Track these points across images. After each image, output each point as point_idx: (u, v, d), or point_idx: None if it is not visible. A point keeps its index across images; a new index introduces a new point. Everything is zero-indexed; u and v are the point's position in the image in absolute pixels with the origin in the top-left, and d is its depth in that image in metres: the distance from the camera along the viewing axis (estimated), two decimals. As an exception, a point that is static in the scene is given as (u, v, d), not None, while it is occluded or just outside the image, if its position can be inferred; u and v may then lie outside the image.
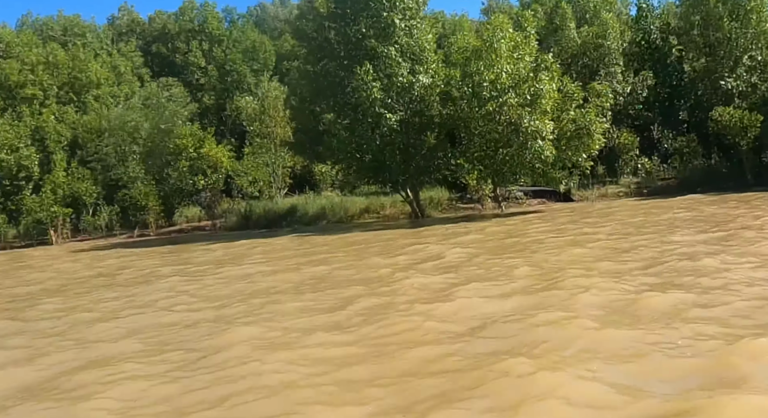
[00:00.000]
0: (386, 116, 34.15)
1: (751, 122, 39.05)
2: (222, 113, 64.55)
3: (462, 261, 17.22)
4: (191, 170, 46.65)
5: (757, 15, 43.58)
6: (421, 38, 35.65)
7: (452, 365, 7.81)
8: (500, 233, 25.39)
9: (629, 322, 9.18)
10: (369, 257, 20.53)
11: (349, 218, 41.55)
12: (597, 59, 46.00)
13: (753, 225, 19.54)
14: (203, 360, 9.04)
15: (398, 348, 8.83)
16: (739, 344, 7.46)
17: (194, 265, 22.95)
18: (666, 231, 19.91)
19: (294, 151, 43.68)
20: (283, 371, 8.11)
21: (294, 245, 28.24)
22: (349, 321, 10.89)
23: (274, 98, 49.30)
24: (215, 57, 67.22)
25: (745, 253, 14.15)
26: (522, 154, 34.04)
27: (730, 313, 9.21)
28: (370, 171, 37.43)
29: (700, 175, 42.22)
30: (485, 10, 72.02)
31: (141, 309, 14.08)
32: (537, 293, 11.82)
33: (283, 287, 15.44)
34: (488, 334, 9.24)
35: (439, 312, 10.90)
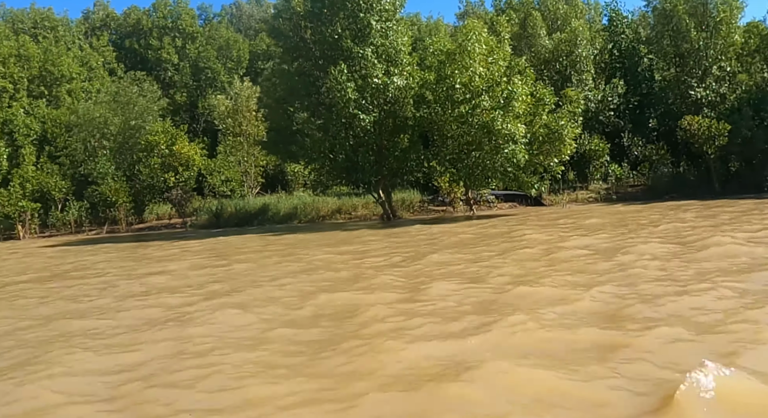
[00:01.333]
0: (360, 117, 34.18)
1: (719, 131, 39.70)
2: (194, 111, 64.28)
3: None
4: (163, 167, 46.30)
5: (727, 26, 44.36)
6: (397, 40, 35.74)
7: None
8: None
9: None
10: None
11: (320, 218, 41.58)
12: (569, 66, 46.53)
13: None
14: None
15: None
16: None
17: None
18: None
19: (267, 150, 43.55)
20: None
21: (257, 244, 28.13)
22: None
23: (247, 97, 49.18)
24: (188, 54, 66.91)
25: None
26: (494, 157, 34.27)
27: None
28: (343, 171, 37.45)
29: (668, 182, 42.92)
30: (461, 15, 72.58)
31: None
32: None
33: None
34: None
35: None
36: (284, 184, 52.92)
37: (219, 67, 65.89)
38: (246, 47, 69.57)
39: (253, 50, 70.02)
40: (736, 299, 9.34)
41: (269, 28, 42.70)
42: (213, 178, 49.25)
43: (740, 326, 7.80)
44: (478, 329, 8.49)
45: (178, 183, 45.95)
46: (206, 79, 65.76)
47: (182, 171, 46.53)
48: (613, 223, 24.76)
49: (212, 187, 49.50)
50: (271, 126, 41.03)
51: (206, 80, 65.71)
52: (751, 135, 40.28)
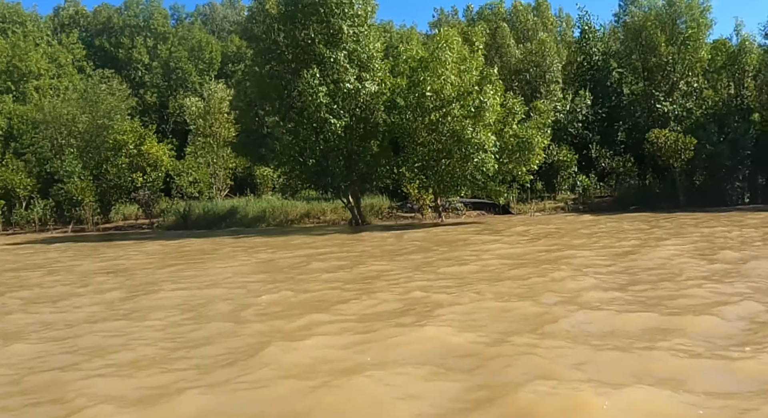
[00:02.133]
0: (331, 121, 34.17)
1: (685, 145, 40.34)
2: (164, 112, 63.76)
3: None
4: (130, 167, 45.84)
5: (694, 43, 45.13)
6: (369, 46, 35.78)
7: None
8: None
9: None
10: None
11: (289, 221, 41.44)
12: (537, 77, 46.99)
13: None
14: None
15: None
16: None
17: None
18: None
19: (237, 152, 43.35)
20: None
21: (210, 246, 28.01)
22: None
23: (219, 99, 48.90)
24: (159, 54, 66.37)
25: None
26: (464, 165, 34.45)
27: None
28: (313, 176, 37.33)
29: (634, 194, 43.54)
30: (434, 24, 72.84)
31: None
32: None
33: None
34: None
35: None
36: (253, 187, 52.70)
37: (190, 68, 65.46)
38: (218, 49, 69.22)
39: (225, 52, 69.67)
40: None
41: (242, 30, 42.63)
42: (181, 180, 48.82)
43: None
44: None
45: (145, 183, 45.52)
46: (177, 80, 65.29)
47: (150, 171, 46.10)
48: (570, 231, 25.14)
49: (180, 188, 49.06)
50: (242, 128, 40.86)
51: (177, 81, 65.24)
52: (715, 150, 40.99)
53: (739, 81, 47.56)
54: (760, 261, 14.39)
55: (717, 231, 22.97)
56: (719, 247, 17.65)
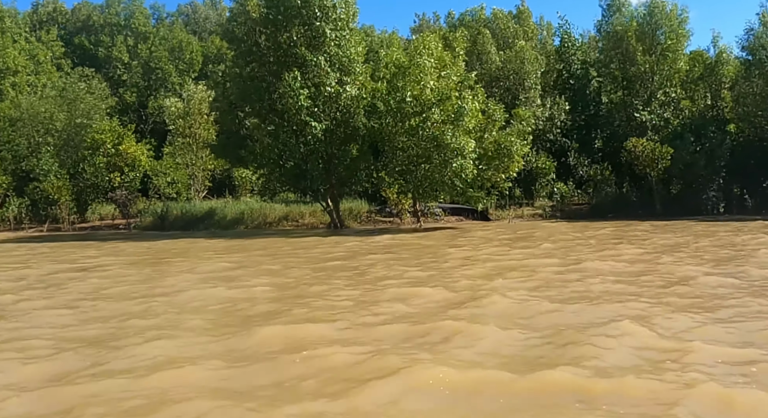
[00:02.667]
0: (312, 125, 34.16)
1: (662, 154, 40.75)
2: (143, 111, 63.34)
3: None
4: (108, 167, 45.44)
5: (673, 53, 45.66)
6: (351, 50, 35.84)
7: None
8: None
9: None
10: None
11: (267, 224, 41.31)
12: (517, 84, 47.25)
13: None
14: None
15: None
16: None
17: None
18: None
19: (216, 154, 43.12)
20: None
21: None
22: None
23: (199, 100, 48.63)
24: (140, 54, 65.93)
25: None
26: (443, 171, 34.55)
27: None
28: (292, 178, 37.29)
29: (611, 202, 43.93)
30: (415, 29, 73.15)
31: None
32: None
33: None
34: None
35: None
36: (231, 189, 52.50)
37: (170, 68, 65.10)
38: (199, 49, 68.91)
39: (206, 53, 69.37)
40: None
41: (223, 32, 42.44)
42: (159, 180, 48.47)
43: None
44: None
45: (123, 183, 45.17)
46: (157, 80, 64.90)
47: (128, 171, 45.75)
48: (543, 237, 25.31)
49: (157, 188, 48.71)
50: (222, 130, 40.69)
51: (157, 81, 64.85)
52: (691, 160, 41.43)
53: (715, 92, 48.22)
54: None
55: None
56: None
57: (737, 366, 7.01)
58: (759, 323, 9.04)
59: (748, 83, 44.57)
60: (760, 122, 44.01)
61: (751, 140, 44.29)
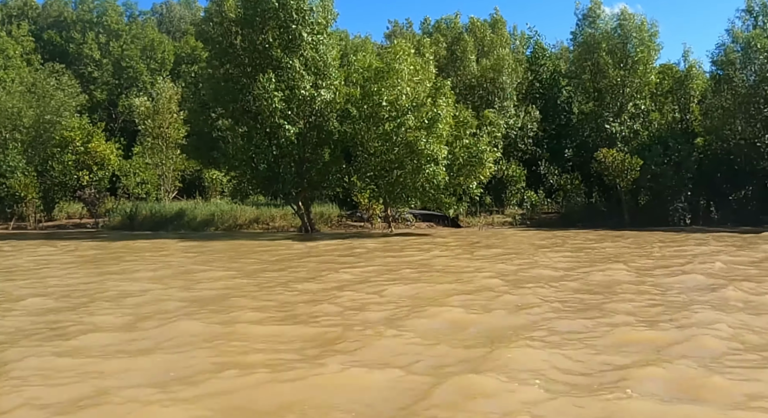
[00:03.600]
0: (286, 127, 34.08)
1: (631, 165, 41.20)
2: (113, 110, 62.66)
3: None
4: (76, 165, 44.85)
5: (643, 66, 46.20)
6: (327, 54, 35.85)
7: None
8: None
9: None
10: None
11: (238, 226, 41.10)
12: (492, 92, 47.49)
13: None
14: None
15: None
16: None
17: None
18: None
19: (188, 154, 42.77)
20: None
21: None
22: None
23: (169, 99, 48.20)
24: (111, 51, 65.22)
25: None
26: (415, 176, 34.67)
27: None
28: (264, 181, 37.14)
29: (580, 211, 44.31)
30: (388, 35, 73.33)
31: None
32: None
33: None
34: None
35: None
36: (201, 191, 52.13)
37: (142, 67, 64.50)
38: (171, 49, 68.38)
39: (179, 53, 68.85)
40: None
41: (198, 31, 42.13)
42: (128, 180, 47.99)
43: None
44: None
45: (91, 182, 44.61)
46: (128, 79, 64.23)
47: (96, 170, 45.20)
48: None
49: (126, 188, 48.21)
50: (193, 130, 40.38)
51: (128, 79, 64.18)
52: (659, 171, 41.96)
53: (684, 105, 48.83)
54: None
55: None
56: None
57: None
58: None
59: (716, 97, 45.25)
60: (728, 136, 44.67)
61: (718, 154, 44.94)
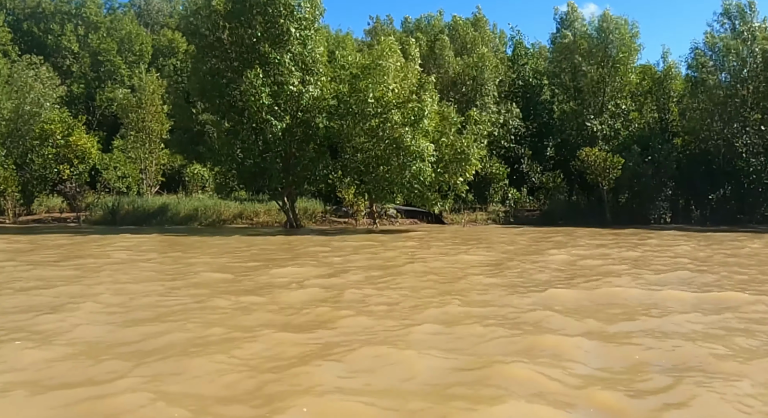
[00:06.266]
0: (273, 123, 34.00)
1: (613, 164, 41.69)
2: (91, 103, 61.94)
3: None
4: (57, 158, 44.28)
5: (624, 66, 46.80)
6: (314, 49, 35.83)
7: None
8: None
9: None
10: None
11: (222, 221, 40.94)
12: (473, 90, 47.75)
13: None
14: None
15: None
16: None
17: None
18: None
19: (172, 149, 42.48)
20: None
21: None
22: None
23: (151, 92, 47.79)
24: (90, 44, 64.49)
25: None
26: (401, 173, 34.77)
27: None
28: (250, 176, 37.02)
29: (562, 209, 44.75)
30: (369, 31, 73.24)
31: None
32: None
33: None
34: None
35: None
36: (182, 185, 51.78)
37: (119, 61, 63.87)
38: (149, 41, 67.78)
39: (157, 45, 68.29)
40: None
41: (184, 25, 41.75)
42: (109, 174, 47.47)
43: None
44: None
45: (72, 176, 44.10)
46: (105, 72, 63.53)
47: (77, 164, 44.68)
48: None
49: (106, 182, 47.70)
50: (177, 124, 40.14)
51: (105, 72, 63.49)
52: (640, 170, 42.55)
53: (663, 105, 49.51)
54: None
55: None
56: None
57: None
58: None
59: (694, 99, 45.96)
60: (706, 137, 45.43)
61: (697, 154, 45.66)
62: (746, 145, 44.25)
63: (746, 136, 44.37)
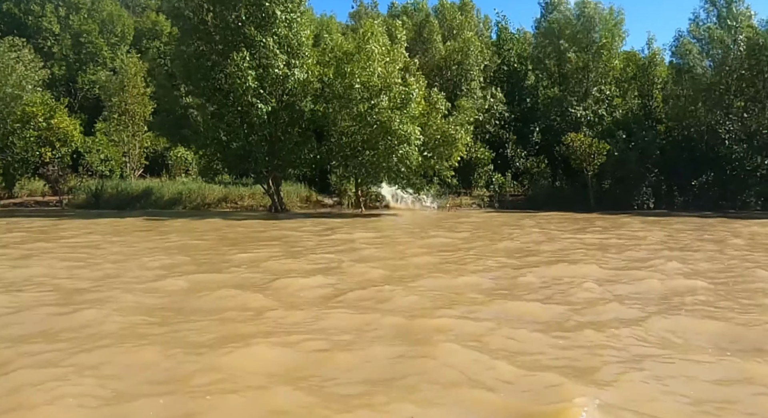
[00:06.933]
0: (258, 106, 33.81)
1: (598, 150, 41.87)
2: (72, 86, 61.20)
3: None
4: (39, 141, 43.79)
5: (608, 52, 46.92)
6: (300, 32, 35.56)
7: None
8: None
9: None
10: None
11: (206, 205, 40.75)
12: (459, 75, 47.74)
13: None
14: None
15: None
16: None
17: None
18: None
19: (157, 132, 42.11)
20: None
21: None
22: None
23: (134, 74, 47.27)
24: (71, 25, 63.59)
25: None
26: (389, 157, 34.76)
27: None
28: (236, 160, 36.81)
29: (546, 194, 44.93)
30: (353, 14, 72.81)
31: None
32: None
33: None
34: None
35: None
36: (166, 169, 51.38)
37: (101, 42, 63.06)
38: (131, 23, 66.97)
39: (140, 28, 67.49)
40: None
41: (168, 7, 41.33)
42: (91, 157, 47.00)
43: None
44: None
45: (54, 159, 43.64)
46: (87, 54, 62.68)
47: (59, 147, 44.21)
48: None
49: (89, 165, 47.22)
50: (164, 107, 39.79)
51: (87, 54, 62.64)
52: (624, 156, 42.78)
53: (647, 92, 49.75)
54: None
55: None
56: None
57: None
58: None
59: (678, 86, 46.22)
60: (689, 124, 45.74)
61: (680, 140, 45.98)
62: (729, 132, 44.63)
63: (729, 124, 44.74)
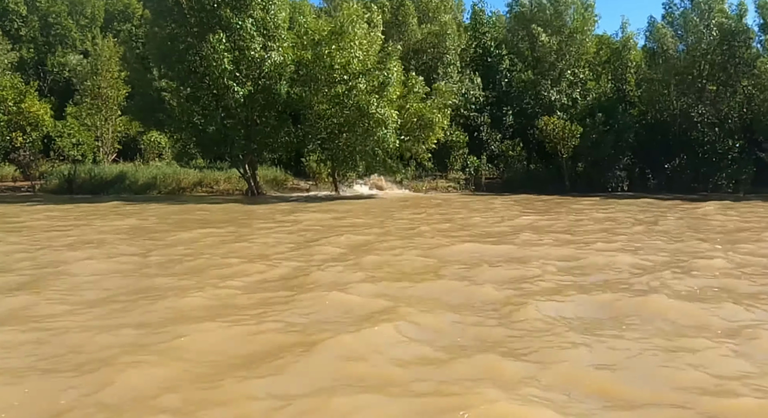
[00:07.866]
0: (235, 89, 33.53)
1: (572, 133, 42.15)
2: (41, 69, 60.17)
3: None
4: (9, 126, 43.04)
5: (581, 35, 47.08)
6: (277, 15, 35.25)
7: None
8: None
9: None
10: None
11: (181, 190, 40.38)
12: (435, 58, 47.63)
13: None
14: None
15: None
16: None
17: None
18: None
19: (131, 116, 41.56)
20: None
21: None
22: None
23: (107, 58, 46.61)
24: (39, 7, 62.40)
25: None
26: (365, 140, 34.74)
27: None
28: (212, 143, 36.51)
29: (521, 177, 45.20)
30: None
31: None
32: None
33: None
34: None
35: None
36: (139, 153, 50.81)
37: (70, 23, 62.00)
38: (101, 5, 65.88)
39: (110, 9, 66.43)
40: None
41: (142, -11, 40.73)
42: (62, 141, 46.34)
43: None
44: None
45: (25, 144, 42.95)
46: (56, 36, 61.61)
47: (30, 131, 43.49)
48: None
49: (60, 150, 46.54)
50: (136, 91, 39.30)
51: (56, 37, 61.57)
52: (598, 139, 43.12)
53: (621, 76, 50.11)
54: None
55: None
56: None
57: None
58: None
59: (651, 70, 46.62)
60: (662, 107, 46.21)
61: (654, 124, 46.43)
62: (701, 115, 45.17)
63: (701, 107, 45.24)
